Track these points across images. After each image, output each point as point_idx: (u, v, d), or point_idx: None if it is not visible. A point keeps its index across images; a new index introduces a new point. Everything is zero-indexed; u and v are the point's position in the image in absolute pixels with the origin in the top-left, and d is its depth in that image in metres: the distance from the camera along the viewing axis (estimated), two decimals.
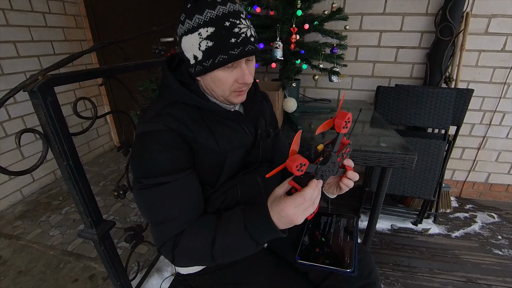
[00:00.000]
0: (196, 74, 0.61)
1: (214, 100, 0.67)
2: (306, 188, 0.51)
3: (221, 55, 0.56)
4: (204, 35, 0.55)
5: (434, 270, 1.43)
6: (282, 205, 0.51)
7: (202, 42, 0.56)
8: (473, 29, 1.61)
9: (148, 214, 0.61)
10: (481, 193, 2.07)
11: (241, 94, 0.65)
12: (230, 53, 0.56)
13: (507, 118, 1.80)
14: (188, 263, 0.65)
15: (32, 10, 2.01)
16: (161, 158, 0.57)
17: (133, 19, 2.31)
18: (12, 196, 1.99)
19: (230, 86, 0.62)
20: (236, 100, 0.65)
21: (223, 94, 0.63)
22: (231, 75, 0.60)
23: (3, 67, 1.86)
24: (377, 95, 1.72)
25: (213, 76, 0.60)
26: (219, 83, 0.61)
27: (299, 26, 1.36)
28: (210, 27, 0.55)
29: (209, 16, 0.54)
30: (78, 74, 0.72)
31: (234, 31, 0.56)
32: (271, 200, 0.54)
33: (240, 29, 0.56)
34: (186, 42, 0.59)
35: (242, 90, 0.64)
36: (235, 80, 0.61)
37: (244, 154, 0.71)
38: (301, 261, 0.67)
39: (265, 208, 0.54)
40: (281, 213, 0.51)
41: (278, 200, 0.53)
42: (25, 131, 0.61)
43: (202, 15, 0.54)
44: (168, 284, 0.89)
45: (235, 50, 0.56)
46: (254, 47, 0.59)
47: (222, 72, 0.59)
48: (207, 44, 0.56)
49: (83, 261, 1.47)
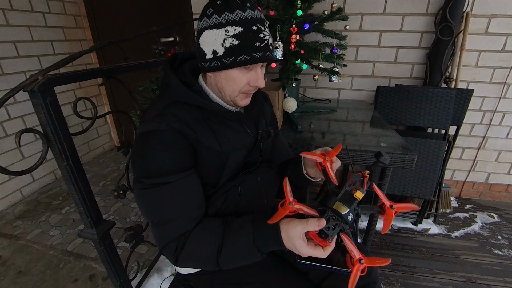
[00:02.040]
0: (211, 69, 0.62)
1: (216, 100, 0.67)
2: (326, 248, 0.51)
3: (244, 55, 0.58)
4: (231, 33, 0.57)
5: (434, 270, 1.43)
6: (296, 240, 0.52)
7: (227, 39, 0.57)
8: (473, 29, 1.61)
9: (150, 215, 0.61)
10: (481, 193, 2.07)
11: (248, 97, 0.67)
12: (253, 55, 0.58)
13: (507, 118, 1.80)
14: (190, 265, 0.65)
15: (32, 10, 2.01)
16: (163, 158, 0.57)
17: (133, 19, 2.31)
18: (12, 196, 1.99)
19: (242, 87, 0.63)
20: (242, 102, 0.66)
21: (232, 94, 0.64)
22: (246, 76, 0.62)
23: (3, 67, 1.86)
24: (377, 95, 1.72)
25: (228, 74, 0.61)
26: (232, 82, 0.62)
27: (299, 26, 1.36)
28: (239, 27, 0.56)
29: (239, 16, 0.56)
30: (78, 74, 0.72)
31: (259, 36, 0.58)
32: (285, 225, 0.54)
33: (264, 35, 0.59)
34: (208, 35, 0.59)
35: (250, 93, 0.66)
36: (248, 82, 0.63)
37: (245, 154, 0.71)
38: (301, 261, 0.67)
39: (277, 227, 0.55)
40: (291, 241, 0.53)
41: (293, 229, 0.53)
42: (25, 131, 0.61)
43: (233, 14, 0.56)
44: (168, 284, 0.89)
45: (257, 54, 0.58)
46: (272, 55, 0.62)
47: (239, 72, 0.61)
48: (232, 42, 0.57)
49: (83, 261, 1.47)
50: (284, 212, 0.51)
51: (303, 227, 0.51)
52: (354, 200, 0.51)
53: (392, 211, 0.52)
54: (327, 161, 0.58)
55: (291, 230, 0.53)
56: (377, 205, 0.55)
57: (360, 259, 0.48)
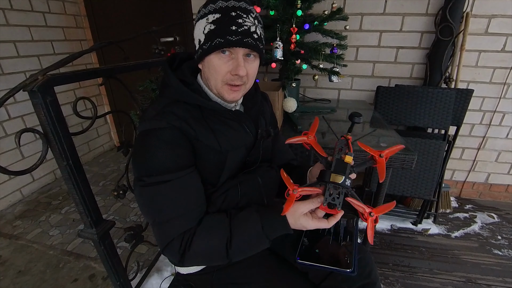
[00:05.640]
0: (197, 59, 0.63)
1: (215, 99, 0.67)
2: (331, 219, 0.57)
3: (219, 38, 0.57)
4: (210, 20, 0.58)
5: (434, 270, 1.43)
6: (301, 219, 0.57)
7: (207, 26, 0.58)
8: (473, 29, 1.61)
9: (151, 213, 0.60)
10: (480, 193, 2.07)
11: (234, 90, 0.63)
12: (228, 38, 0.57)
13: (507, 118, 1.80)
14: (197, 263, 0.65)
15: (32, 10, 2.01)
16: (164, 156, 0.57)
17: (133, 19, 2.31)
18: (12, 195, 1.99)
19: (223, 75, 0.61)
20: (229, 96, 0.63)
21: (216, 84, 0.63)
22: (226, 64, 0.60)
23: (3, 67, 1.86)
24: (377, 95, 1.72)
25: (210, 62, 0.61)
26: (213, 71, 0.61)
27: (299, 26, 1.36)
28: (217, 13, 0.57)
29: (219, 5, 0.58)
30: (78, 74, 0.72)
31: (237, 20, 0.57)
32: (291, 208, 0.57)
33: (244, 21, 0.58)
34: (196, 27, 0.62)
35: (235, 84, 0.62)
36: (229, 70, 0.61)
37: (244, 153, 0.71)
38: (301, 261, 0.67)
39: (281, 211, 0.57)
40: (297, 222, 0.58)
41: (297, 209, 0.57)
42: (25, 130, 0.61)
43: (215, 4, 0.58)
44: (168, 284, 0.89)
45: (233, 37, 0.57)
46: (255, 43, 0.60)
47: (218, 59, 0.60)
48: (210, 27, 0.58)
49: (83, 261, 1.47)
50: (292, 200, 0.55)
51: (306, 207, 0.57)
52: (346, 165, 0.55)
53: (382, 159, 0.56)
54: (310, 138, 0.61)
55: (296, 213, 0.57)
56: (367, 158, 0.59)
57: (370, 212, 0.54)
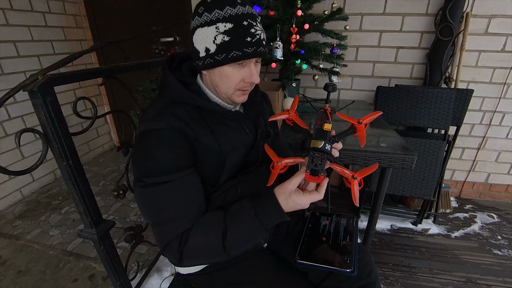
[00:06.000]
0: (204, 67, 0.62)
1: (215, 100, 0.67)
2: (320, 189, 0.57)
3: (235, 51, 0.57)
4: (221, 29, 0.57)
5: (434, 270, 1.43)
6: (292, 196, 0.57)
7: (218, 35, 0.57)
8: (473, 29, 1.61)
9: (151, 214, 0.60)
10: (480, 193, 2.07)
11: (244, 94, 0.66)
12: (245, 51, 0.58)
13: (507, 118, 1.80)
14: (196, 260, 0.64)
15: (32, 10, 2.01)
16: (163, 156, 0.57)
17: (133, 19, 2.31)
18: (11, 195, 1.99)
19: (236, 84, 0.63)
20: (239, 99, 0.66)
21: (227, 91, 0.64)
22: (240, 73, 0.61)
23: (3, 67, 1.86)
24: (377, 95, 1.72)
25: (222, 71, 0.61)
26: (226, 79, 0.62)
27: (299, 26, 1.36)
28: (229, 23, 0.56)
29: (229, 12, 0.56)
30: (78, 74, 0.73)
31: (250, 31, 0.58)
32: (279, 189, 0.59)
33: (255, 30, 0.59)
34: (200, 34, 0.59)
35: (246, 89, 0.65)
36: (242, 78, 0.62)
37: (244, 154, 0.71)
38: (301, 261, 0.67)
39: (272, 194, 0.58)
40: (289, 200, 0.57)
41: (286, 187, 0.57)
42: (25, 130, 0.61)
43: (223, 10, 0.56)
44: (167, 284, 0.89)
45: (249, 49, 0.58)
46: (265, 50, 0.62)
47: (232, 68, 0.61)
48: (223, 38, 0.57)
49: (83, 261, 1.47)
50: (276, 171, 0.57)
51: (293, 182, 0.57)
52: (325, 133, 0.57)
53: (361, 125, 0.59)
54: (291, 114, 0.64)
55: (285, 192, 0.57)
56: (348, 128, 0.62)
57: (353, 175, 0.54)
